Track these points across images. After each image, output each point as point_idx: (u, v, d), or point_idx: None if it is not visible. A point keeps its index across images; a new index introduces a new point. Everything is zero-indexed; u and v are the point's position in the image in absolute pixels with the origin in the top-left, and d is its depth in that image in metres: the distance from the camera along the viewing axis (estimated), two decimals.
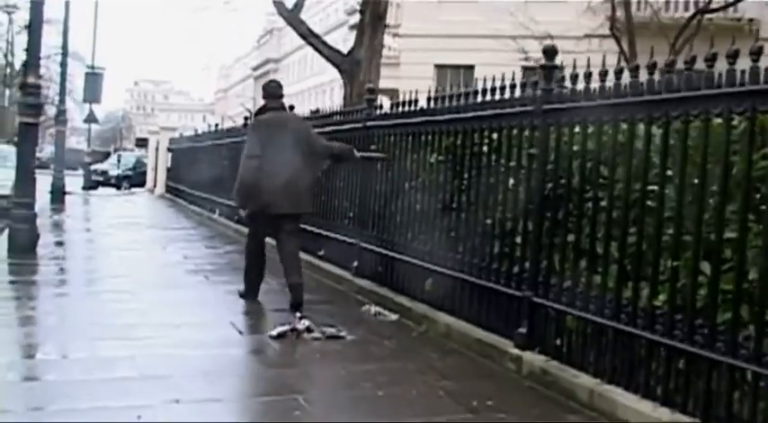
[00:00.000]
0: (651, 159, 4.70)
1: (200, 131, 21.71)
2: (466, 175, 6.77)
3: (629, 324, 4.73)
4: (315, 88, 62.97)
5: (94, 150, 34.47)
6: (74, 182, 25.39)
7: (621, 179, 4.92)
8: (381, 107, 8.76)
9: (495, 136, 6.38)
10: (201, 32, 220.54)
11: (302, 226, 9.51)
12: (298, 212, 7.49)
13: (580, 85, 5.40)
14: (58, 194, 20.30)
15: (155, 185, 28.48)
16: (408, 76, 23.23)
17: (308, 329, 6.60)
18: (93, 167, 32.51)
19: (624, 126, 4.97)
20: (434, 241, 7.18)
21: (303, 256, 9.91)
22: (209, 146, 18.47)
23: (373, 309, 7.65)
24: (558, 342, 5.36)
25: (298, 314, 6.87)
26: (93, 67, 32.77)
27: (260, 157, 7.26)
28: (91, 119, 33.18)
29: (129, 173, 36.80)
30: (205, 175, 18.28)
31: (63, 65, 26.56)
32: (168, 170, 26.17)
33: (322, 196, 10.32)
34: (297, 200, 7.34)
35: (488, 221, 6.33)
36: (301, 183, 7.35)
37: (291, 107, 9.12)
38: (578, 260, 5.23)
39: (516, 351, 5.65)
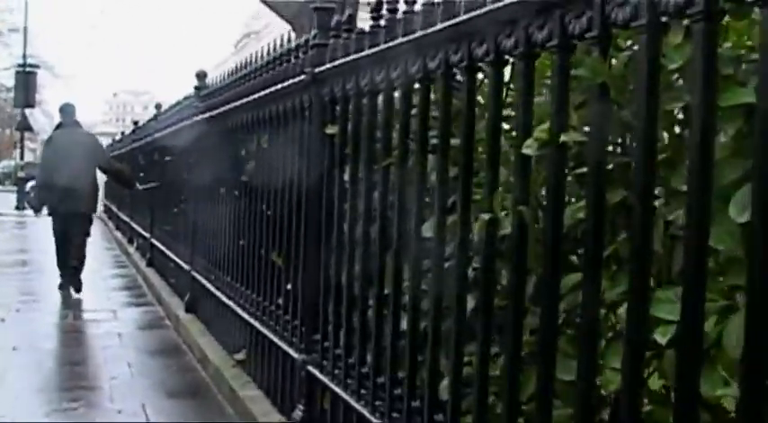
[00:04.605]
0: None
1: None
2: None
3: None
4: None
5: (28, 163, 28.85)
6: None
7: None
8: (351, 31, 3.62)
9: None
10: (181, 39, 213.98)
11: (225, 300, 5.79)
12: (80, 212, 8.78)
13: None
14: None
15: None
16: None
17: None
18: (30, 184, 27.66)
19: None
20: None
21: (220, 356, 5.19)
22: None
23: None
24: None
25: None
26: (24, 66, 28.17)
27: (52, 166, 8.83)
28: (23, 126, 28.54)
29: None
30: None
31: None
32: (106, 184, 20.72)
33: (241, 241, 5.29)
34: (79, 202, 8.71)
35: None
36: (84, 187, 8.70)
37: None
38: None
39: None
